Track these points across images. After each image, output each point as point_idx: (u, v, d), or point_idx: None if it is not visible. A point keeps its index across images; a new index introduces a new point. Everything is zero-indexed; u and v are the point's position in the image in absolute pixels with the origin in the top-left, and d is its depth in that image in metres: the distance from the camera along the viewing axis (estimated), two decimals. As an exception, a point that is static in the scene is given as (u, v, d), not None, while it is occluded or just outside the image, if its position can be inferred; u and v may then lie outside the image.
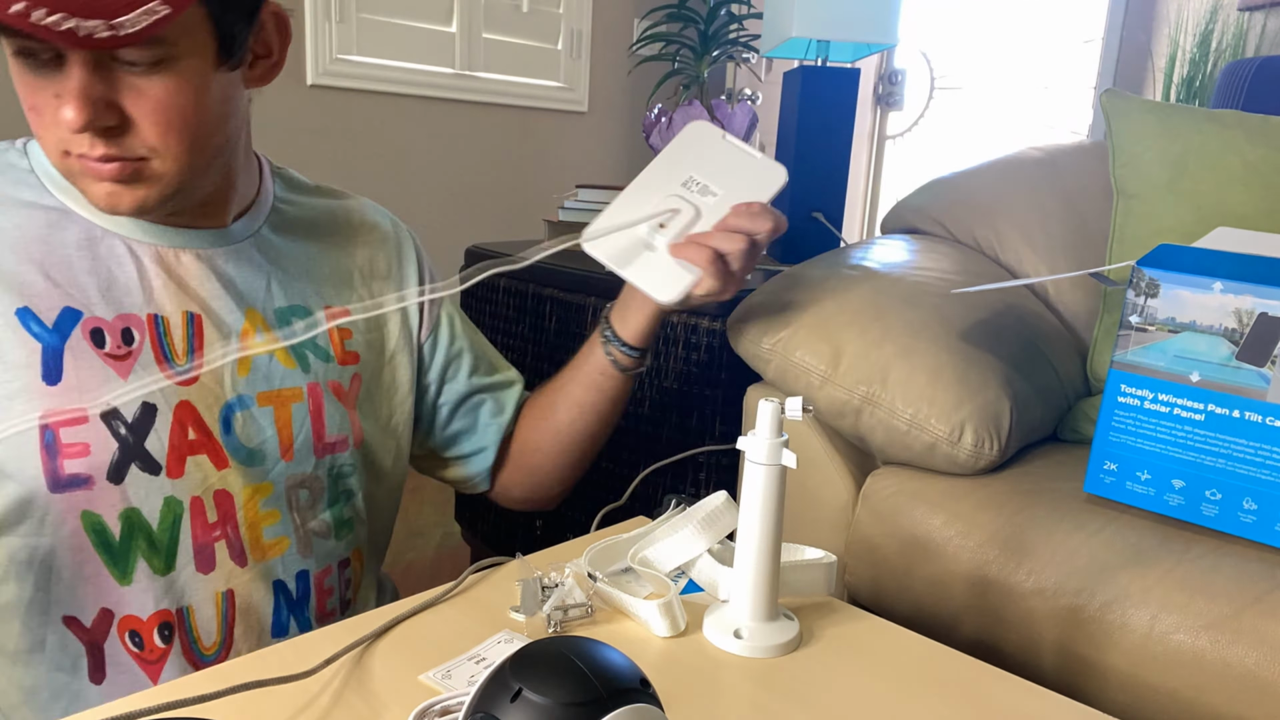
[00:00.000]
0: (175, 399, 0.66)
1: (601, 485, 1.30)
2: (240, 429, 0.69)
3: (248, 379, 0.70)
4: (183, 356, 0.68)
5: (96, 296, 0.65)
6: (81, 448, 0.63)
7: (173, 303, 0.67)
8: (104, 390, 0.64)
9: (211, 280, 0.70)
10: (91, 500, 0.63)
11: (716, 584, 0.64)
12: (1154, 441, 0.78)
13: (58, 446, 0.62)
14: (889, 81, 3.38)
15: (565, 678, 0.34)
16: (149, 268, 0.67)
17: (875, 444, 0.94)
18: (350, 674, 0.53)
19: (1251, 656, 0.66)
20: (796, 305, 0.99)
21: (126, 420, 0.64)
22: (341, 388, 0.75)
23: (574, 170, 2.96)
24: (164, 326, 0.67)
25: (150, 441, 0.65)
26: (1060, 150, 1.31)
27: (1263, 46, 2.13)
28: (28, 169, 0.67)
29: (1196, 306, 0.76)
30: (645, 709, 0.35)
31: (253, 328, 0.71)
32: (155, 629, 0.66)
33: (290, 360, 0.73)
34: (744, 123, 1.56)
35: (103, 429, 0.63)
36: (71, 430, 0.63)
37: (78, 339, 0.64)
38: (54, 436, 0.62)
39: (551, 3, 2.66)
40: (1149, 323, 0.78)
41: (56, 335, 0.63)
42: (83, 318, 0.64)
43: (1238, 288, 0.75)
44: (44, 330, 0.63)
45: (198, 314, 0.69)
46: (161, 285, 0.67)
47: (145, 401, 0.65)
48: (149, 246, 0.68)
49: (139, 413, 0.65)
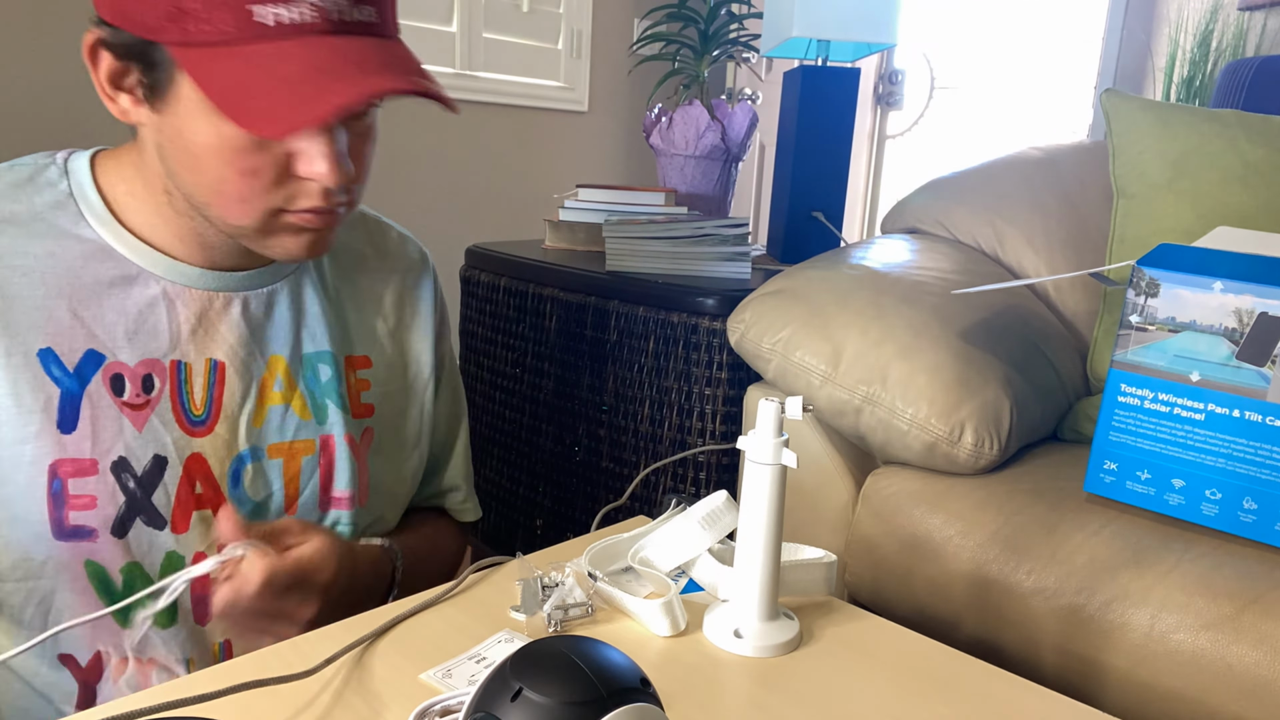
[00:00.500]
0: (188, 451, 0.64)
1: (601, 485, 1.30)
2: (249, 483, 0.67)
3: (261, 430, 0.68)
4: (201, 406, 0.65)
5: (123, 340, 0.62)
6: (89, 500, 0.61)
7: (198, 349, 0.65)
8: (117, 440, 0.62)
9: (241, 326, 0.67)
10: (95, 551, 0.62)
11: (716, 583, 0.64)
12: (1154, 441, 0.78)
13: (65, 496, 0.60)
14: (889, 81, 3.38)
15: (565, 677, 0.34)
16: (180, 312, 0.65)
17: (875, 444, 0.94)
18: (350, 673, 0.53)
19: (1251, 656, 0.66)
20: (797, 305, 0.99)
21: (136, 474, 0.63)
22: (354, 440, 0.73)
23: (574, 170, 2.96)
24: (185, 374, 0.65)
25: (157, 496, 0.63)
26: (1060, 150, 1.31)
27: (1263, 46, 2.13)
28: (66, 193, 0.63)
29: (1196, 306, 0.76)
30: (645, 708, 0.35)
31: (272, 377, 0.69)
32: (153, 671, 0.65)
33: (307, 412, 0.70)
34: (744, 122, 1.56)
35: (111, 481, 0.61)
36: (80, 481, 0.61)
37: (97, 385, 0.61)
38: (62, 486, 0.60)
39: (552, 2, 2.66)
40: (1149, 322, 0.78)
41: (76, 381, 0.61)
42: (105, 362, 0.62)
43: (1238, 287, 0.75)
44: (64, 374, 0.61)
45: (221, 361, 0.66)
46: (189, 331, 0.65)
47: (156, 454, 0.63)
48: (184, 289, 0.65)
49: (149, 465, 0.63)
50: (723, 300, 1.16)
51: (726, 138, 1.56)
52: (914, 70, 3.41)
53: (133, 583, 0.63)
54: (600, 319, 1.27)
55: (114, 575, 0.63)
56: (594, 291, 1.28)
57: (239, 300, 0.67)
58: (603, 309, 1.26)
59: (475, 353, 1.52)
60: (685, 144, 1.56)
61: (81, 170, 0.64)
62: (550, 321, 1.35)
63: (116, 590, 0.63)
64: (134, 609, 0.64)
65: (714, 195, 1.62)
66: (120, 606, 0.59)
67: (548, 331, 1.35)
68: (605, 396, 1.27)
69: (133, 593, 0.63)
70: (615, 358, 1.26)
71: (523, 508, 1.44)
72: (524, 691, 0.34)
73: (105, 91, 0.59)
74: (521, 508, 1.44)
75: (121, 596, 0.63)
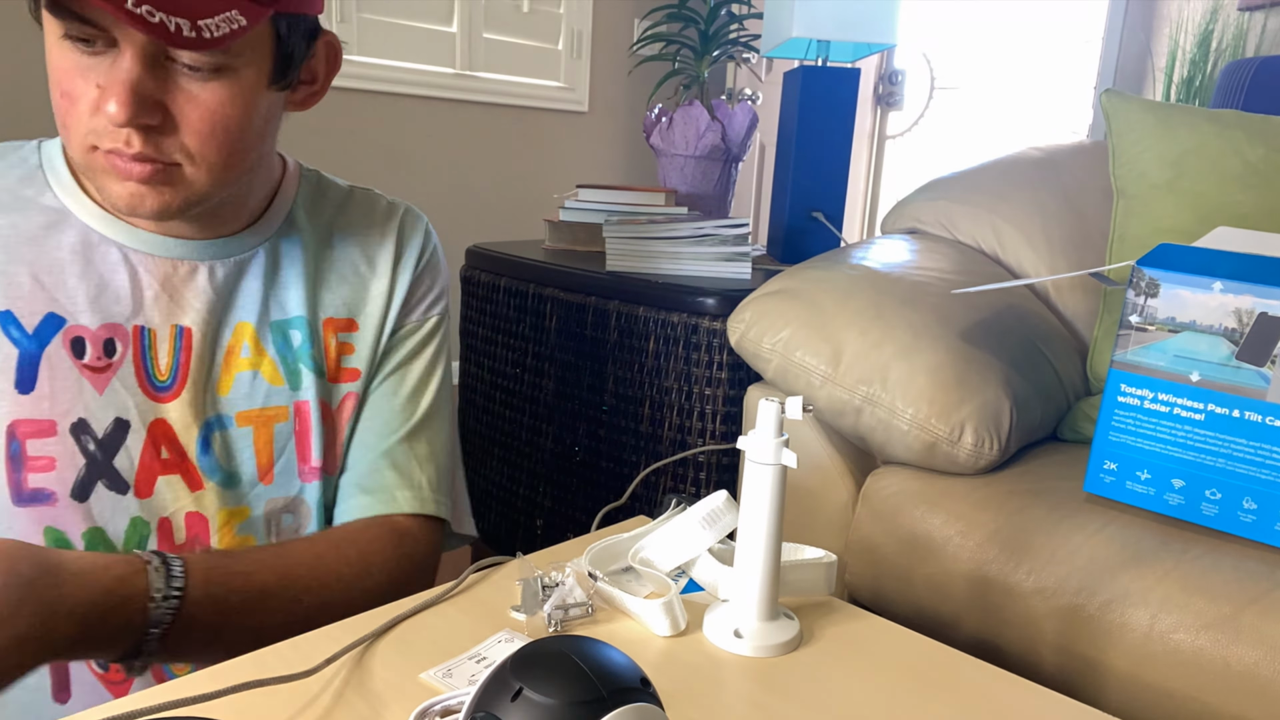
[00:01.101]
0: (151, 416, 0.65)
1: (601, 485, 1.30)
2: (218, 449, 0.67)
3: (228, 397, 0.68)
4: (166, 372, 0.65)
5: (84, 304, 0.63)
6: (48, 461, 0.61)
7: (162, 315, 0.66)
8: (76, 402, 0.62)
9: (207, 293, 0.67)
10: (55, 517, 0.62)
11: (717, 583, 0.64)
12: (1154, 441, 0.78)
13: (23, 458, 0.61)
14: (889, 81, 3.38)
15: (565, 677, 0.34)
16: (143, 277, 0.65)
17: (875, 444, 0.94)
18: (351, 673, 0.53)
19: (1251, 656, 0.66)
20: (797, 305, 0.99)
21: (97, 436, 0.63)
22: (328, 406, 0.71)
23: (574, 170, 2.96)
24: (150, 339, 0.65)
25: (119, 459, 0.63)
26: (1060, 150, 1.31)
27: (1263, 46, 2.13)
28: (36, 165, 0.65)
29: (1196, 306, 0.76)
30: (645, 708, 0.35)
31: (238, 343, 0.68)
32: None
33: (279, 377, 0.69)
34: (744, 123, 1.56)
35: (71, 443, 0.62)
36: (39, 443, 0.61)
37: (56, 347, 0.62)
38: (20, 448, 0.61)
39: (552, 3, 2.66)
40: (1149, 322, 0.78)
41: (35, 342, 0.62)
42: (65, 325, 0.62)
43: (1238, 287, 0.75)
44: (23, 335, 0.61)
45: (187, 327, 0.66)
46: (153, 296, 0.65)
47: (118, 417, 0.63)
48: (146, 256, 0.65)
49: (110, 428, 0.63)
50: (723, 300, 1.16)
51: (726, 138, 1.56)
52: (914, 70, 3.41)
53: (95, 548, 0.63)
54: (600, 319, 1.27)
55: (75, 541, 0.63)
56: (594, 291, 1.28)
57: (205, 268, 0.67)
58: (603, 309, 1.27)
59: (475, 353, 1.52)
60: (685, 144, 1.56)
61: (53, 145, 0.66)
62: (550, 322, 1.35)
63: None
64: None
65: (714, 195, 1.62)
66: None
67: (548, 332, 1.35)
68: (605, 397, 1.28)
69: None
70: (615, 358, 1.26)
71: (523, 508, 1.44)
72: (524, 691, 0.34)
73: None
74: (521, 508, 1.44)
75: None
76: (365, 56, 2.28)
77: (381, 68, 2.31)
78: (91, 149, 0.59)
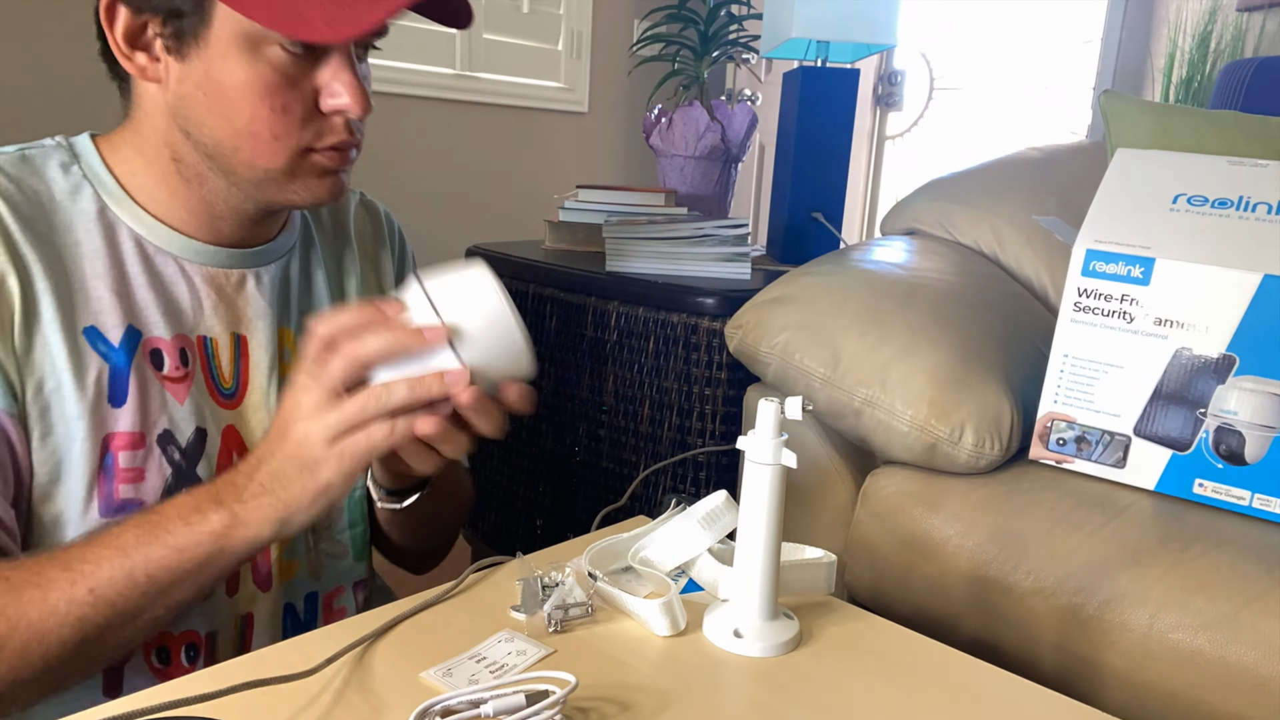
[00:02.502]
0: (224, 422, 0.66)
1: (601, 485, 1.30)
2: None
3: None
4: (229, 379, 0.67)
5: (156, 316, 0.64)
6: (137, 473, 0.62)
7: (221, 324, 0.67)
8: (161, 414, 0.63)
9: (257, 300, 0.69)
10: None
11: (716, 583, 0.64)
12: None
13: (115, 470, 0.61)
14: (888, 82, 3.38)
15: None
16: (200, 287, 0.66)
17: (875, 444, 0.94)
18: (351, 673, 0.54)
19: (1250, 655, 0.66)
20: (796, 307, 0.99)
21: (180, 446, 0.64)
22: None
23: (574, 170, 2.97)
24: (213, 349, 0.66)
25: (200, 467, 0.64)
26: (1059, 151, 1.31)
27: (1261, 47, 2.13)
28: (81, 176, 0.64)
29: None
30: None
31: (285, 348, 0.70)
32: (183, 648, 0.66)
33: None
34: (744, 123, 1.56)
35: (158, 454, 0.63)
36: (130, 454, 0.62)
37: (140, 360, 0.62)
38: (113, 460, 0.61)
39: (552, 3, 2.66)
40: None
41: (122, 354, 0.62)
42: (143, 338, 0.63)
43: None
44: (110, 349, 0.62)
45: (244, 335, 0.68)
46: (211, 306, 0.66)
47: (198, 426, 0.65)
48: (199, 266, 0.66)
49: (192, 438, 0.64)
50: (723, 300, 1.16)
51: (726, 138, 1.56)
52: (913, 71, 3.41)
53: None
54: (600, 319, 1.27)
55: None
56: (594, 292, 1.28)
57: (252, 275, 0.69)
58: (603, 309, 1.27)
59: (475, 353, 1.52)
60: (685, 145, 1.57)
61: (90, 154, 0.65)
62: (550, 322, 1.35)
63: None
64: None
65: (714, 196, 1.62)
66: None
67: (548, 332, 1.35)
68: (605, 397, 1.28)
69: None
70: (615, 358, 1.26)
71: (523, 508, 1.44)
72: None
73: (121, 51, 0.60)
74: (521, 508, 1.45)
75: None
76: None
77: (381, 68, 2.31)
78: (305, 153, 0.61)
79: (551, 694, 0.49)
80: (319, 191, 0.63)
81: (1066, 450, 0.87)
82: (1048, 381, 0.87)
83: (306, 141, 0.61)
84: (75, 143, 0.66)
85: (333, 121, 0.61)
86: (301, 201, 0.64)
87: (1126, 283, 0.82)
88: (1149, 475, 0.83)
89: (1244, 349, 0.77)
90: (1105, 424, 0.84)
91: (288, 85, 0.58)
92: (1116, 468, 0.84)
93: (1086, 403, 0.85)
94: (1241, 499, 0.78)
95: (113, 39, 0.59)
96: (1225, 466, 0.79)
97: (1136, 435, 0.83)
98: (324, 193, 0.63)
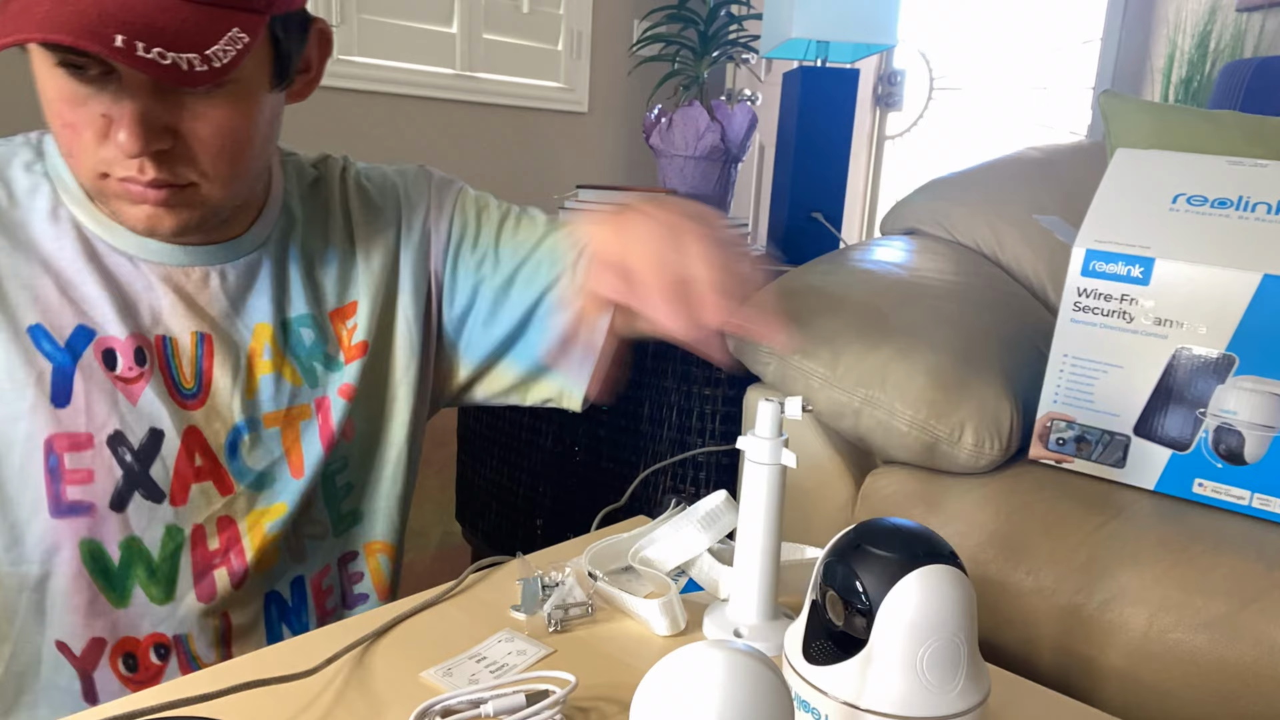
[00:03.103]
0: (183, 424, 0.65)
1: (601, 485, 1.30)
2: (247, 453, 0.67)
3: (255, 400, 0.68)
4: (190, 379, 0.65)
5: (111, 315, 0.62)
6: (85, 474, 0.61)
7: (180, 323, 0.65)
8: (111, 414, 0.62)
9: (221, 298, 0.67)
10: (92, 528, 0.62)
11: (717, 583, 0.64)
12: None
13: (61, 471, 0.61)
14: (888, 82, 3.38)
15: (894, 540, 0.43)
16: (157, 286, 0.64)
17: (875, 444, 0.94)
18: (351, 673, 0.54)
19: (1249, 655, 0.66)
20: (796, 308, 0.99)
21: (132, 447, 0.63)
22: (353, 388, 0.72)
23: (574, 170, 2.97)
24: (172, 348, 0.65)
25: (155, 469, 0.63)
26: (1059, 151, 1.31)
27: (1261, 47, 2.13)
28: (42, 174, 0.63)
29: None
30: (946, 569, 0.42)
31: (260, 345, 0.68)
32: (151, 648, 0.66)
33: (298, 378, 0.70)
34: (743, 123, 1.56)
35: (108, 455, 0.62)
36: (76, 456, 0.61)
37: (89, 359, 0.61)
38: (58, 461, 0.60)
39: (552, 3, 2.66)
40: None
41: (68, 355, 0.61)
42: (96, 337, 0.62)
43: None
44: (55, 349, 0.61)
45: (207, 334, 0.66)
46: (170, 305, 0.65)
47: (153, 427, 0.63)
48: (156, 265, 0.64)
49: (145, 439, 0.63)
50: (722, 301, 1.16)
51: (726, 138, 1.56)
52: (913, 71, 3.41)
53: (131, 558, 0.63)
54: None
55: (111, 550, 0.63)
56: (594, 292, 1.28)
57: (216, 273, 0.66)
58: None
59: (475, 353, 1.52)
60: (685, 145, 1.57)
61: (55, 152, 0.64)
62: (550, 322, 1.35)
63: (113, 566, 0.63)
64: (130, 587, 0.64)
65: (714, 196, 1.62)
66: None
67: (547, 332, 1.35)
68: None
69: (130, 569, 0.63)
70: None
71: (523, 508, 1.44)
72: (865, 547, 0.43)
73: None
74: (521, 508, 1.45)
75: (119, 572, 0.63)
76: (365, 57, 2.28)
77: (381, 68, 2.31)
78: (102, 176, 0.57)
79: (551, 694, 0.49)
80: (132, 220, 0.59)
81: (1066, 450, 0.87)
82: (1047, 381, 0.87)
83: (102, 167, 0.57)
84: (45, 140, 0.65)
85: (120, 154, 0.56)
86: (128, 226, 0.60)
87: (1126, 283, 0.82)
88: (1148, 475, 0.83)
89: (1243, 349, 0.77)
90: (1105, 424, 0.84)
91: (74, 103, 0.55)
92: (1116, 467, 0.84)
93: (1086, 402, 0.85)
94: (1241, 499, 0.78)
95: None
96: (1225, 466, 0.79)
97: (1136, 435, 0.83)
98: (140, 223, 0.59)
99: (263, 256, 0.69)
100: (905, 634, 0.41)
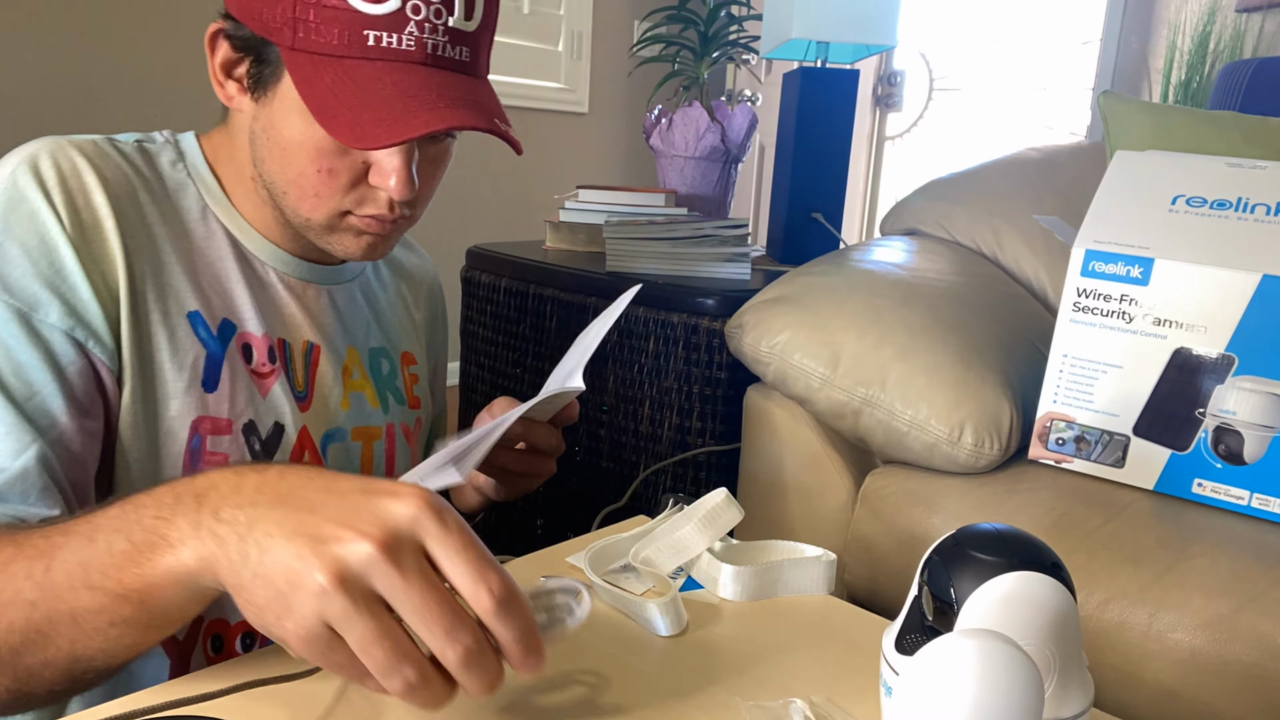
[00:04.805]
0: (300, 423, 0.68)
1: (601, 485, 1.30)
2: (333, 460, 0.71)
3: (349, 412, 0.72)
4: (302, 384, 0.70)
5: (251, 312, 0.67)
6: (221, 458, 0.64)
7: (298, 331, 0.70)
8: (249, 405, 0.65)
9: (330, 314, 0.72)
10: None
11: (717, 582, 0.64)
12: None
13: (202, 453, 0.63)
14: (888, 83, 3.38)
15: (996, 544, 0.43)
16: (284, 294, 0.69)
17: (875, 444, 0.94)
18: (352, 672, 0.54)
19: (1248, 655, 0.66)
20: (795, 308, 0.99)
21: (261, 437, 0.66)
22: (410, 430, 0.78)
23: (574, 171, 2.97)
24: (290, 352, 0.69)
25: (276, 459, 0.67)
26: (1058, 151, 1.31)
27: (1260, 48, 2.14)
28: (185, 176, 0.67)
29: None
30: (1043, 579, 0.41)
31: (351, 364, 0.74)
32: (239, 637, 0.67)
33: (376, 401, 0.75)
34: (743, 124, 1.56)
35: (242, 442, 0.65)
36: (216, 439, 0.64)
37: (233, 351, 0.65)
38: (200, 443, 0.63)
39: (552, 4, 2.66)
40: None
41: (218, 343, 0.65)
42: (237, 331, 0.66)
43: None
44: (209, 337, 0.64)
45: (317, 344, 0.71)
46: (291, 312, 0.70)
47: (277, 421, 0.67)
48: (286, 275, 0.70)
49: (271, 431, 0.67)
50: (723, 301, 1.16)
51: (726, 139, 1.56)
52: (913, 72, 3.41)
53: None
54: (600, 320, 1.27)
55: None
56: (594, 292, 1.28)
57: (326, 292, 0.72)
58: (603, 310, 1.27)
59: (476, 353, 1.52)
60: (685, 145, 1.57)
61: (195, 153, 0.68)
62: (551, 322, 1.35)
63: None
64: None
65: (714, 196, 1.62)
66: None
67: (548, 332, 1.35)
68: (605, 396, 1.28)
69: None
70: (615, 358, 1.26)
71: (523, 508, 1.44)
72: (967, 550, 0.43)
73: (216, 77, 0.64)
74: (521, 508, 1.45)
75: None
76: (365, 57, 2.28)
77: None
78: (342, 214, 0.63)
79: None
80: (352, 249, 0.66)
81: (1066, 450, 0.87)
82: (1047, 381, 0.87)
83: (347, 205, 0.63)
84: (181, 140, 0.69)
85: (377, 194, 0.63)
86: (336, 253, 0.67)
87: (1125, 283, 0.82)
88: (1148, 475, 0.83)
89: (1243, 349, 0.77)
90: (1104, 424, 0.84)
91: (339, 152, 0.61)
92: (1115, 467, 0.84)
93: (1086, 402, 0.85)
94: (1240, 499, 0.78)
95: (211, 65, 0.63)
96: (1224, 466, 0.79)
97: (1135, 435, 0.83)
98: (357, 251, 0.66)
99: (357, 287, 0.76)
100: None
